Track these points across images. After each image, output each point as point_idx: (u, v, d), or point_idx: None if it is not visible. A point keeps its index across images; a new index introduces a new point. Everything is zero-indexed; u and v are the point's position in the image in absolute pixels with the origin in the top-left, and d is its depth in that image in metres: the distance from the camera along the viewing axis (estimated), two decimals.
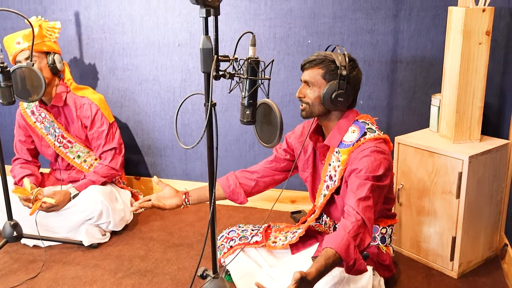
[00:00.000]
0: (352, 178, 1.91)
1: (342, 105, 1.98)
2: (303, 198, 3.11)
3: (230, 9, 2.97)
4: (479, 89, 2.39)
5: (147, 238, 2.87)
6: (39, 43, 2.73)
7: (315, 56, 2.00)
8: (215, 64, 1.59)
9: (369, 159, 1.89)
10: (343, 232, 1.77)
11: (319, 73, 1.98)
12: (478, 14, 2.29)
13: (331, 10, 2.82)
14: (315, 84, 1.99)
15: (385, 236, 2.07)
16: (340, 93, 1.94)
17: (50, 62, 2.80)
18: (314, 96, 1.99)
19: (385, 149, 1.94)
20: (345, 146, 1.98)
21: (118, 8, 3.18)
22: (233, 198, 2.24)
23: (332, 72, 1.96)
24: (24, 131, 2.98)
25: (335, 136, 2.02)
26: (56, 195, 2.72)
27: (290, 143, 2.26)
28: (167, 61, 3.20)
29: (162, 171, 3.42)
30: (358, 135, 1.97)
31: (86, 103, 2.90)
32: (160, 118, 3.32)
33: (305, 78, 2.02)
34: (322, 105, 1.99)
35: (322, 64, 1.97)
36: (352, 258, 1.73)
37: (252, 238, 2.15)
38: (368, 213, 1.83)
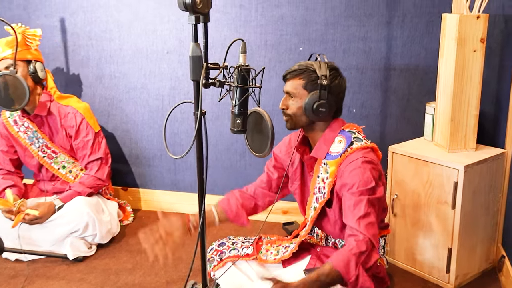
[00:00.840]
0: (346, 195, 1.89)
1: (325, 115, 1.96)
2: (296, 209, 3.10)
3: (220, 16, 2.98)
4: (474, 97, 2.41)
5: (134, 251, 2.85)
6: (20, 51, 2.71)
7: (297, 66, 2.00)
8: (205, 72, 1.59)
9: (359, 171, 1.87)
10: (345, 250, 1.77)
11: (300, 84, 1.97)
12: (472, 21, 2.31)
13: (323, 17, 2.84)
14: (296, 95, 1.98)
15: (378, 248, 2.07)
16: (322, 104, 1.93)
17: (31, 71, 2.77)
18: (296, 107, 1.98)
19: (373, 158, 1.94)
20: (333, 158, 1.97)
21: (105, 15, 3.18)
22: (236, 221, 2.22)
23: (313, 82, 1.94)
24: (6, 141, 2.96)
25: (322, 147, 2.01)
26: (40, 206, 2.69)
27: (278, 156, 2.25)
28: (155, 68, 3.20)
29: (150, 181, 3.41)
30: (345, 146, 1.96)
31: (70, 112, 2.88)
32: (148, 127, 3.31)
33: (287, 89, 2.01)
34: (305, 116, 1.98)
35: (303, 75, 1.96)
36: (353, 275, 1.72)
37: (243, 251, 2.14)
38: (372, 229, 1.81)
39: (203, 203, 1.75)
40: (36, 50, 2.84)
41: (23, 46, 2.76)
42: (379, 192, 1.90)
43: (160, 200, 3.41)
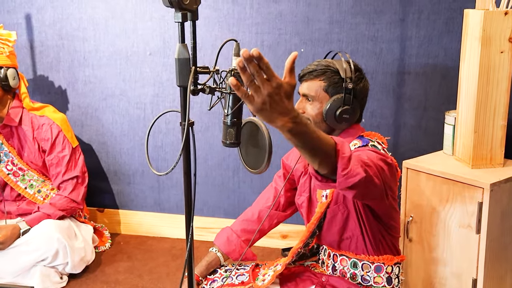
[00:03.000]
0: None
1: (348, 122, 1.97)
2: (296, 233, 3.10)
3: (211, 13, 2.98)
4: (501, 104, 2.40)
5: (112, 282, 2.83)
6: None
7: (315, 65, 1.99)
8: (193, 77, 1.58)
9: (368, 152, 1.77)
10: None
11: (321, 86, 1.96)
12: (499, 18, 2.31)
13: (327, 14, 2.84)
14: (316, 98, 1.97)
15: (391, 277, 2.05)
16: (346, 109, 1.93)
17: (1, 78, 2.77)
18: (315, 112, 1.97)
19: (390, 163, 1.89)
20: None
21: (78, 11, 3.18)
22: (241, 260, 2.23)
23: (336, 84, 1.94)
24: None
25: None
26: (2, 230, 2.67)
27: (288, 165, 2.26)
28: (136, 72, 3.20)
29: (131, 201, 3.40)
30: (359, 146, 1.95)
31: (45, 123, 2.88)
32: (128, 139, 3.31)
33: (304, 92, 2.00)
34: (324, 122, 1.97)
35: (324, 76, 1.96)
36: (348, 152, 1.49)
37: (237, 278, 2.13)
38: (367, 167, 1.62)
39: (191, 225, 1.73)
40: (9, 56, 2.83)
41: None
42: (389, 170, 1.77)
43: (142, 222, 3.40)
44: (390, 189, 1.91)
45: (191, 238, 1.70)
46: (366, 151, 1.78)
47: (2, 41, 2.81)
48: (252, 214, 2.29)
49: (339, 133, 2.03)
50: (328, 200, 1.98)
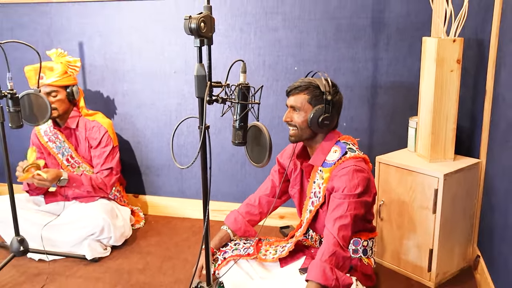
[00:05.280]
0: (331, 198, 1.95)
1: (328, 127, 2.00)
2: (291, 214, 3.11)
3: (222, 39, 3.00)
4: (452, 112, 2.42)
5: (145, 253, 2.85)
6: (60, 79, 2.82)
7: (300, 82, 2.02)
8: (209, 90, 1.60)
9: (348, 177, 1.91)
10: (317, 260, 1.83)
11: (305, 99, 1.99)
12: (449, 44, 2.33)
13: (315, 40, 2.86)
14: (301, 108, 2.00)
15: (366, 249, 2.08)
16: (326, 117, 1.97)
17: (69, 93, 2.84)
18: (300, 120, 2.00)
19: (364, 167, 1.96)
20: (328, 165, 2.00)
21: (119, 39, 3.20)
22: (245, 236, 2.26)
23: (317, 97, 1.98)
24: (38, 148, 2.96)
25: (319, 156, 2.04)
26: (49, 171, 2.67)
27: (282, 163, 2.28)
28: (163, 87, 3.21)
29: (159, 189, 3.41)
30: (340, 155, 1.99)
31: (95, 126, 2.92)
32: (157, 139, 3.32)
33: (291, 104, 2.03)
34: (309, 128, 2.00)
35: (308, 90, 1.99)
36: (331, 279, 1.78)
37: (244, 251, 2.15)
38: (343, 231, 1.87)
39: (207, 208, 1.75)
40: (72, 77, 2.91)
41: (64, 74, 2.84)
42: (366, 197, 1.92)
43: (168, 206, 3.41)
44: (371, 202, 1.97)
45: (207, 218, 1.73)
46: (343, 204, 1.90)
47: (71, 67, 2.88)
48: (254, 199, 2.32)
49: (322, 138, 2.05)
50: (321, 201, 2.03)
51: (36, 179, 2.61)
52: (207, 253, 1.82)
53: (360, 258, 2.06)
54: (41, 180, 2.61)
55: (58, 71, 2.82)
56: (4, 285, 2.50)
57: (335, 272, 1.80)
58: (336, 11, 2.80)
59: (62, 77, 2.83)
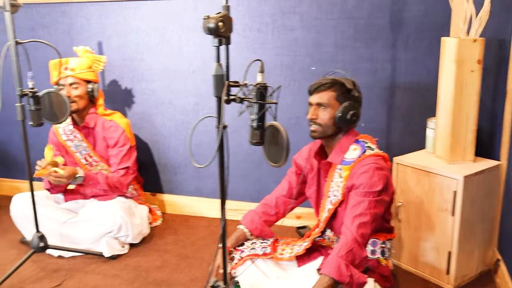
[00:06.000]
0: (351, 195, 1.93)
1: (355, 123, 2.00)
2: (308, 214, 3.10)
3: (240, 39, 2.99)
4: (472, 113, 2.38)
5: (162, 251, 2.85)
6: (84, 72, 2.83)
7: (325, 80, 2.01)
8: (226, 89, 1.60)
9: (367, 175, 1.90)
10: (333, 255, 1.81)
11: (332, 96, 1.98)
12: (469, 44, 2.29)
13: (333, 40, 2.84)
14: (329, 105, 1.99)
15: (384, 250, 2.05)
16: (355, 113, 1.97)
17: (89, 90, 2.85)
18: (327, 117, 1.99)
19: (383, 165, 1.95)
20: (347, 163, 1.99)
21: (137, 38, 3.21)
22: (262, 236, 2.25)
23: (344, 94, 1.98)
24: (56, 147, 2.98)
25: (338, 154, 2.03)
26: (66, 169, 2.69)
27: (299, 164, 2.26)
28: (181, 86, 3.22)
29: (176, 187, 3.42)
30: (360, 152, 1.98)
31: (113, 125, 2.92)
32: (175, 138, 3.33)
33: (317, 101, 2.01)
34: (335, 125, 2.00)
35: (334, 87, 1.99)
36: (346, 276, 1.76)
37: (261, 250, 2.14)
38: (363, 229, 1.84)
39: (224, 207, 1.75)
40: (96, 73, 2.93)
41: (88, 68, 2.86)
42: (385, 196, 1.90)
43: (185, 204, 3.41)
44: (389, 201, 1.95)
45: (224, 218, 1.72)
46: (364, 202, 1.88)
47: (97, 62, 2.91)
48: (271, 200, 2.30)
49: (341, 137, 2.04)
50: (341, 199, 2.00)
51: (53, 176, 2.62)
52: (224, 252, 1.82)
53: (378, 259, 2.04)
54: (58, 177, 2.63)
55: (83, 64, 2.85)
56: (24, 280, 2.53)
57: (350, 269, 1.77)
58: (353, 11, 2.78)
59: (86, 71, 2.85)
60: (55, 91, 2.46)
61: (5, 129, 3.58)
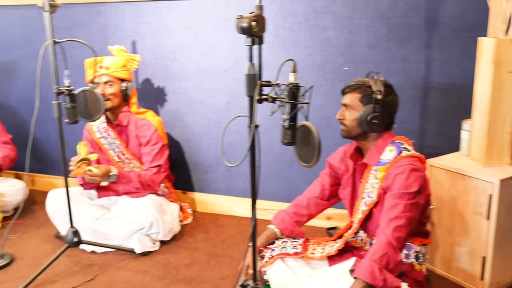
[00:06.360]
0: (386, 197, 1.90)
1: (378, 127, 1.97)
2: (339, 215, 3.07)
3: (273, 38, 2.99)
4: (509, 115, 2.32)
5: (192, 248, 2.87)
6: (119, 71, 2.88)
7: (355, 81, 2.02)
8: (259, 89, 1.60)
9: (403, 176, 1.88)
10: (366, 259, 1.80)
11: (357, 97, 1.99)
12: (508, 45, 2.23)
13: (366, 40, 2.81)
14: (353, 107, 2.00)
15: (419, 255, 2.02)
16: (375, 116, 1.95)
17: (123, 89, 2.89)
18: (352, 118, 2.01)
19: (419, 167, 1.93)
20: (383, 164, 1.97)
21: (170, 38, 3.24)
22: (292, 236, 2.25)
23: (369, 96, 1.96)
24: (90, 144, 3.04)
25: (373, 155, 2.02)
26: (100, 167, 2.72)
27: (333, 165, 2.25)
28: (213, 85, 3.23)
29: (207, 186, 3.44)
30: (396, 153, 1.96)
31: (145, 124, 2.96)
32: (206, 137, 3.34)
33: (344, 102, 2.04)
34: (359, 126, 1.99)
35: (360, 89, 1.99)
36: (379, 280, 1.74)
37: (292, 250, 2.13)
38: (398, 232, 1.82)
39: (255, 206, 1.74)
40: (130, 72, 2.98)
41: (122, 67, 2.91)
42: (420, 199, 1.87)
43: (216, 203, 3.43)
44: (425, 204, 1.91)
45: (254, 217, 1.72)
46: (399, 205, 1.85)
47: (131, 60, 2.97)
48: (302, 200, 2.30)
49: (376, 137, 2.02)
50: (376, 200, 1.98)
51: (87, 175, 2.67)
52: (254, 251, 1.82)
53: (412, 264, 2.00)
54: (92, 175, 2.67)
55: (118, 62, 2.89)
56: (59, 273, 2.59)
57: (383, 273, 1.75)
58: (387, 10, 2.74)
59: (121, 69, 2.90)
60: (90, 90, 2.50)
61: (41, 127, 3.67)
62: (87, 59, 2.89)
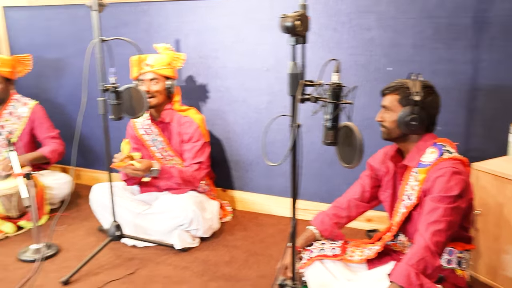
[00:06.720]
0: (426, 200, 1.87)
1: (417, 128, 1.94)
2: (379, 218, 3.03)
3: (316, 38, 2.97)
4: None
5: (231, 246, 2.89)
6: (164, 68, 2.92)
7: (394, 83, 2.00)
8: (301, 88, 1.59)
9: (443, 179, 1.83)
10: (403, 263, 1.77)
11: (396, 99, 1.97)
12: None
13: (411, 40, 2.75)
14: (392, 109, 1.98)
15: (461, 260, 1.97)
16: (414, 118, 1.92)
17: (168, 86, 2.94)
18: (391, 120, 1.98)
19: (462, 170, 1.87)
20: (423, 166, 1.94)
21: (213, 37, 3.27)
22: (332, 238, 2.24)
23: (407, 97, 1.94)
24: (134, 141, 3.11)
25: (414, 156, 1.99)
26: (142, 162, 2.76)
27: (373, 166, 2.23)
28: (255, 84, 3.24)
29: (247, 184, 3.45)
30: (437, 156, 1.92)
31: (188, 121, 2.99)
32: (247, 136, 3.36)
33: (383, 103, 2.02)
34: (398, 128, 1.97)
35: (399, 91, 1.97)
36: (416, 285, 1.71)
37: (331, 252, 2.12)
38: (437, 237, 1.78)
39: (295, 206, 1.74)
40: (174, 70, 3.03)
41: (168, 64, 2.96)
42: (461, 203, 1.82)
43: (255, 201, 3.44)
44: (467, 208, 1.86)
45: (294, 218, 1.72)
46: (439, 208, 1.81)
47: (176, 59, 3.03)
48: (342, 202, 2.28)
49: (417, 139, 1.99)
50: (416, 202, 1.95)
51: (130, 169, 2.73)
52: (293, 251, 1.82)
53: (454, 270, 1.96)
54: (134, 169, 2.73)
55: (163, 60, 2.94)
56: (102, 265, 2.65)
57: (420, 278, 1.72)
58: (434, 10, 2.67)
59: (166, 67, 2.95)
60: (135, 87, 2.55)
61: (87, 123, 3.76)
62: (132, 56, 2.96)
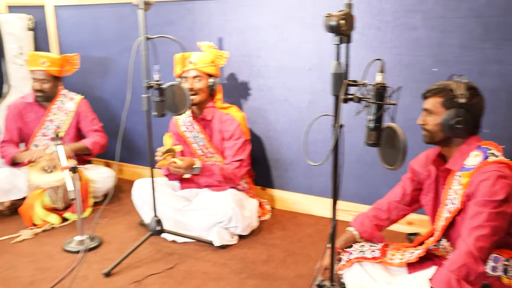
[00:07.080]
0: (470, 205, 1.82)
1: (462, 131, 1.89)
2: (420, 221, 2.97)
3: (359, 37, 2.93)
4: None
5: (269, 245, 2.90)
6: (207, 66, 2.96)
7: (436, 85, 1.96)
8: (345, 88, 1.58)
9: (487, 183, 1.78)
10: (444, 269, 1.74)
11: (439, 102, 1.92)
12: None
13: (458, 40, 2.68)
14: (435, 112, 1.94)
15: (507, 268, 1.91)
16: (459, 121, 1.87)
17: (211, 84, 2.98)
18: (434, 123, 1.94)
19: (508, 174, 1.81)
20: (467, 170, 1.89)
21: (256, 35, 3.28)
22: (371, 240, 2.23)
23: (451, 100, 1.89)
24: (176, 137, 3.15)
25: (457, 160, 1.94)
26: (184, 160, 2.81)
27: (415, 169, 2.20)
28: (297, 83, 3.23)
29: (287, 184, 3.45)
30: (481, 159, 1.86)
31: (229, 119, 3.02)
32: (288, 135, 3.35)
33: (425, 106, 1.98)
34: (442, 132, 1.92)
35: (442, 93, 1.92)
36: None
37: (370, 254, 2.10)
38: (481, 242, 1.73)
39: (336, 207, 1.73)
40: (218, 68, 3.06)
41: (211, 62, 3.00)
42: (507, 208, 1.76)
43: (295, 201, 3.43)
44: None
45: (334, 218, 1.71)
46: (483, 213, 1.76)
47: (219, 57, 3.07)
48: (382, 204, 2.26)
49: (460, 143, 1.94)
50: (460, 207, 1.90)
51: (172, 166, 2.77)
52: (333, 252, 1.81)
53: (499, 277, 1.90)
54: (177, 167, 2.77)
55: (206, 58, 2.98)
56: (142, 259, 2.71)
57: (462, 284, 1.68)
58: (484, 9, 2.60)
59: (209, 65, 2.98)
60: (178, 84, 2.59)
61: (131, 119, 3.85)
62: (176, 54, 3.00)
